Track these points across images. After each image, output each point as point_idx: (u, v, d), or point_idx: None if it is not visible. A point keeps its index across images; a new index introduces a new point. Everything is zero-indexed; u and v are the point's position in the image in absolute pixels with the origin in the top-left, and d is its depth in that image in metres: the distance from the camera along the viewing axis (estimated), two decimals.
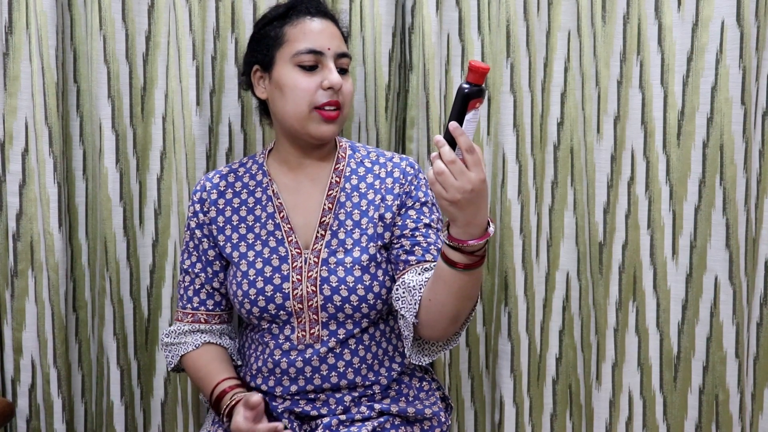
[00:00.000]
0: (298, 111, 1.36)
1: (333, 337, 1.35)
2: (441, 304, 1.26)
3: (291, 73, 1.36)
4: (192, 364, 1.43)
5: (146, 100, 1.64)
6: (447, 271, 1.22)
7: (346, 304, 1.34)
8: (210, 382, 1.39)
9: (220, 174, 1.47)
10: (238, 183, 1.44)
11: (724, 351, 1.64)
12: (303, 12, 1.39)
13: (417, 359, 1.35)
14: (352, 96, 1.42)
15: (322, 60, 1.36)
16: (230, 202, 1.43)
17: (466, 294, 1.25)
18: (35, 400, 1.64)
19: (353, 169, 1.43)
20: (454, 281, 1.23)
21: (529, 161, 1.65)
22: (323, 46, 1.36)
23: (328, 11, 1.43)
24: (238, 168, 1.47)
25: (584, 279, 1.66)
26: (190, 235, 1.47)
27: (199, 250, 1.45)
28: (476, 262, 1.21)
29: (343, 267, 1.35)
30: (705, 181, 1.62)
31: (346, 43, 1.44)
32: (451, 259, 1.21)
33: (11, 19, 1.57)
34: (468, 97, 1.13)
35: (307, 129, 1.36)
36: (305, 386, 1.35)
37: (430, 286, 1.27)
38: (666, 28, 1.60)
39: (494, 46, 1.63)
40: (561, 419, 1.70)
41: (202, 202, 1.45)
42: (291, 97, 1.36)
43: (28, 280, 1.61)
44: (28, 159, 1.60)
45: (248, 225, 1.41)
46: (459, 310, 1.27)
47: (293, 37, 1.37)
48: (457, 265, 1.21)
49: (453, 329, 1.31)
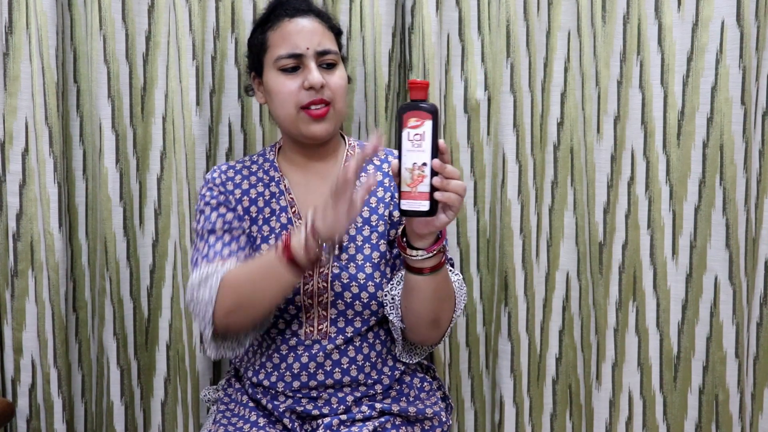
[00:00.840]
0: (286, 114, 1.36)
1: (341, 334, 1.35)
2: (417, 311, 1.29)
3: (276, 78, 1.36)
4: (235, 273, 1.28)
5: (146, 100, 1.64)
6: (416, 279, 1.25)
7: (357, 301, 1.34)
8: (265, 254, 1.27)
9: (233, 168, 1.44)
10: (253, 177, 1.43)
11: (724, 351, 1.64)
12: (282, 14, 1.38)
13: (407, 358, 1.39)
14: (344, 89, 1.39)
15: (302, 60, 1.35)
16: (247, 192, 1.41)
17: (440, 295, 1.28)
18: (35, 400, 1.64)
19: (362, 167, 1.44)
20: (427, 286, 1.26)
21: (529, 161, 1.65)
22: (301, 47, 1.35)
23: (310, 7, 1.41)
24: (251, 164, 1.46)
25: (584, 279, 1.66)
26: (209, 200, 1.39)
27: (226, 207, 1.39)
28: (441, 261, 1.25)
29: (354, 264, 1.35)
30: (705, 181, 1.62)
31: (338, 35, 1.43)
32: (418, 267, 1.24)
33: (11, 19, 1.57)
34: (399, 112, 1.15)
35: (299, 130, 1.37)
36: (308, 382, 1.35)
37: (404, 294, 1.30)
38: (666, 28, 1.60)
39: (494, 46, 1.63)
40: (561, 419, 1.70)
41: (223, 185, 1.41)
42: (278, 101, 1.37)
43: (28, 280, 1.61)
44: (28, 159, 1.60)
45: (265, 217, 1.40)
46: (437, 313, 1.30)
47: (274, 41, 1.37)
48: (424, 271, 1.24)
49: (436, 333, 1.34)
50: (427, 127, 1.14)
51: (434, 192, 1.15)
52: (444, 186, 1.15)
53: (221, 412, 1.41)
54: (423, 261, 1.23)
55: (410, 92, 1.16)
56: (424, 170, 1.15)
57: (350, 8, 1.63)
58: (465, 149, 1.66)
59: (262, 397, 1.37)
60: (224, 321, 1.28)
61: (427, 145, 1.15)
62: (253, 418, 1.35)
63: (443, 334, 1.35)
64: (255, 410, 1.37)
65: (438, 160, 1.15)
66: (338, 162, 1.44)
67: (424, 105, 1.15)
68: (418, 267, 1.24)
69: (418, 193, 1.15)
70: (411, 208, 1.16)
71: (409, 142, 1.15)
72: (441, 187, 1.15)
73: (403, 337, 1.36)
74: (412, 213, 1.17)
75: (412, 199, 1.16)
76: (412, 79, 1.16)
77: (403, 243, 1.24)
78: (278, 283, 1.24)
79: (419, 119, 1.14)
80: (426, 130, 1.14)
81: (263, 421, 1.35)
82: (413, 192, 1.16)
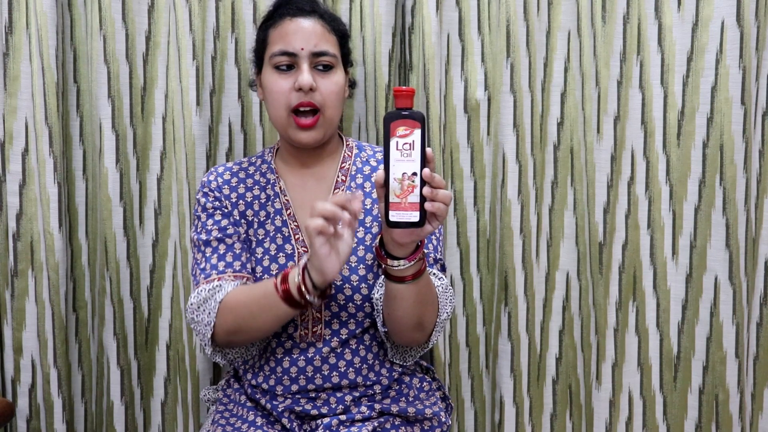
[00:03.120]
0: (278, 115, 1.36)
1: (335, 336, 1.35)
2: (400, 317, 1.28)
3: (270, 76, 1.36)
4: (234, 296, 1.28)
5: (146, 100, 1.64)
6: (398, 287, 1.24)
7: (350, 303, 1.34)
8: (265, 282, 1.26)
9: (229, 170, 1.44)
10: (250, 179, 1.43)
11: (724, 351, 1.64)
12: (285, 13, 1.38)
13: (400, 360, 1.38)
14: (338, 94, 1.37)
15: (296, 60, 1.35)
16: (243, 196, 1.41)
17: (422, 300, 1.27)
18: (35, 400, 1.64)
19: (359, 168, 1.44)
20: (409, 293, 1.25)
21: (529, 161, 1.65)
22: (296, 46, 1.34)
23: (315, 8, 1.40)
24: (248, 167, 1.45)
25: (584, 279, 1.66)
26: (205, 205, 1.40)
27: (221, 213, 1.39)
28: (422, 268, 1.23)
29: (347, 266, 1.35)
30: (705, 181, 1.62)
31: (343, 39, 1.42)
32: (400, 276, 1.23)
33: (11, 19, 1.57)
34: (386, 121, 1.12)
35: (288, 134, 1.37)
36: (306, 386, 1.35)
37: (386, 302, 1.28)
38: (666, 28, 1.60)
39: (494, 46, 1.63)
40: (561, 419, 1.70)
41: (219, 189, 1.41)
42: (270, 99, 1.37)
43: (28, 280, 1.61)
44: (28, 159, 1.60)
45: (260, 220, 1.40)
46: (420, 317, 1.29)
47: (273, 39, 1.37)
48: (405, 279, 1.23)
49: (421, 335, 1.32)
50: (416, 136, 1.12)
51: (424, 202, 1.12)
52: (433, 196, 1.12)
53: (219, 412, 1.41)
54: (404, 270, 1.21)
55: (396, 100, 1.13)
56: (414, 180, 1.12)
57: (350, 8, 1.63)
58: (465, 149, 1.66)
59: (261, 398, 1.37)
60: (225, 340, 1.31)
61: (416, 155, 1.12)
62: (252, 418, 1.35)
63: (429, 336, 1.34)
64: (254, 410, 1.37)
65: (428, 170, 1.12)
66: (336, 163, 1.43)
67: (413, 113, 1.12)
68: (399, 276, 1.22)
69: (409, 204, 1.13)
70: (401, 219, 1.13)
71: (398, 151, 1.12)
72: (431, 197, 1.12)
73: (391, 339, 1.36)
74: (403, 224, 1.13)
75: (403, 210, 1.13)
76: (397, 87, 1.12)
77: (383, 253, 1.22)
78: (275, 315, 1.26)
79: (408, 128, 1.12)
80: (415, 139, 1.12)
81: (262, 420, 1.34)
82: (403, 203, 1.13)
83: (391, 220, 1.13)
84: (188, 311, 1.33)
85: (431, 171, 1.13)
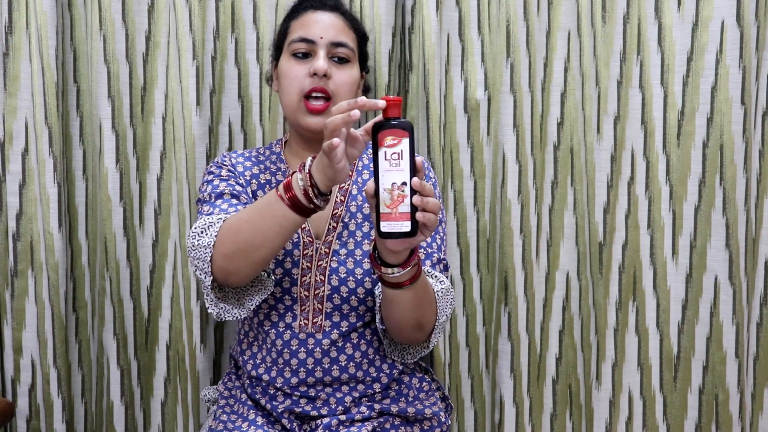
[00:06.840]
0: (290, 100, 1.38)
1: (335, 328, 1.35)
2: (398, 319, 1.28)
3: (288, 62, 1.39)
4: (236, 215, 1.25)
5: (146, 100, 1.64)
6: (395, 292, 1.23)
7: (353, 296, 1.34)
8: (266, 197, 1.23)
9: (243, 155, 1.46)
10: (262, 165, 1.45)
11: (724, 351, 1.64)
12: (308, 7, 1.42)
13: (398, 357, 1.38)
14: (351, 86, 1.38)
15: (314, 48, 1.37)
16: (257, 176, 1.43)
17: (420, 303, 1.27)
18: (35, 400, 1.64)
19: (365, 164, 1.45)
20: (407, 298, 1.24)
21: (529, 161, 1.65)
22: (316, 35, 1.37)
23: (337, 5, 1.44)
24: (258, 155, 1.47)
25: (584, 279, 1.66)
26: (218, 173, 1.38)
27: (235, 181, 1.38)
28: (417, 272, 1.22)
29: (352, 259, 1.35)
30: (705, 181, 1.62)
31: (361, 38, 1.44)
32: (396, 283, 1.22)
33: (11, 19, 1.57)
34: (373, 130, 1.11)
35: (297, 120, 1.38)
36: (306, 378, 1.35)
37: (384, 305, 1.28)
38: (666, 28, 1.60)
39: (494, 46, 1.63)
40: (561, 419, 1.70)
41: (234, 166, 1.42)
42: (285, 85, 1.39)
43: (28, 280, 1.61)
44: (28, 159, 1.60)
45: None
46: (419, 319, 1.28)
47: (293, 29, 1.40)
48: (402, 285, 1.22)
49: (421, 335, 1.32)
50: (404, 146, 1.10)
51: (415, 212, 1.11)
52: (423, 205, 1.11)
53: (221, 407, 1.41)
54: (399, 276, 1.20)
55: (383, 110, 1.12)
56: (404, 189, 1.11)
57: (350, 8, 1.63)
58: (465, 149, 1.66)
59: (261, 398, 1.37)
60: (223, 266, 1.24)
61: (405, 164, 1.10)
62: (252, 417, 1.35)
63: (429, 335, 1.33)
64: (254, 409, 1.37)
65: (417, 179, 1.11)
66: None
67: (401, 122, 1.10)
68: (395, 282, 1.22)
69: (400, 214, 1.11)
70: (393, 230, 1.12)
71: (387, 161, 1.11)
72: (421, 206, 1.11)
73: (388, 336, 1.36)
74: (395, 235, 1.12)
75: (394, 221, 1.11)
76: (385, 96, 1.12)
77: (377, 261, 1.21)
78: (279, 225, 1.20)
79: (396, 137, 1.10)
80: (404, 149, 1.10)
81: (262, 420, 1.35)
82: (394, 213, 1.11)
83: (383, 230, 1.12)
84: (188, 239, 1.28)
85: (420, 180, 1.11)
